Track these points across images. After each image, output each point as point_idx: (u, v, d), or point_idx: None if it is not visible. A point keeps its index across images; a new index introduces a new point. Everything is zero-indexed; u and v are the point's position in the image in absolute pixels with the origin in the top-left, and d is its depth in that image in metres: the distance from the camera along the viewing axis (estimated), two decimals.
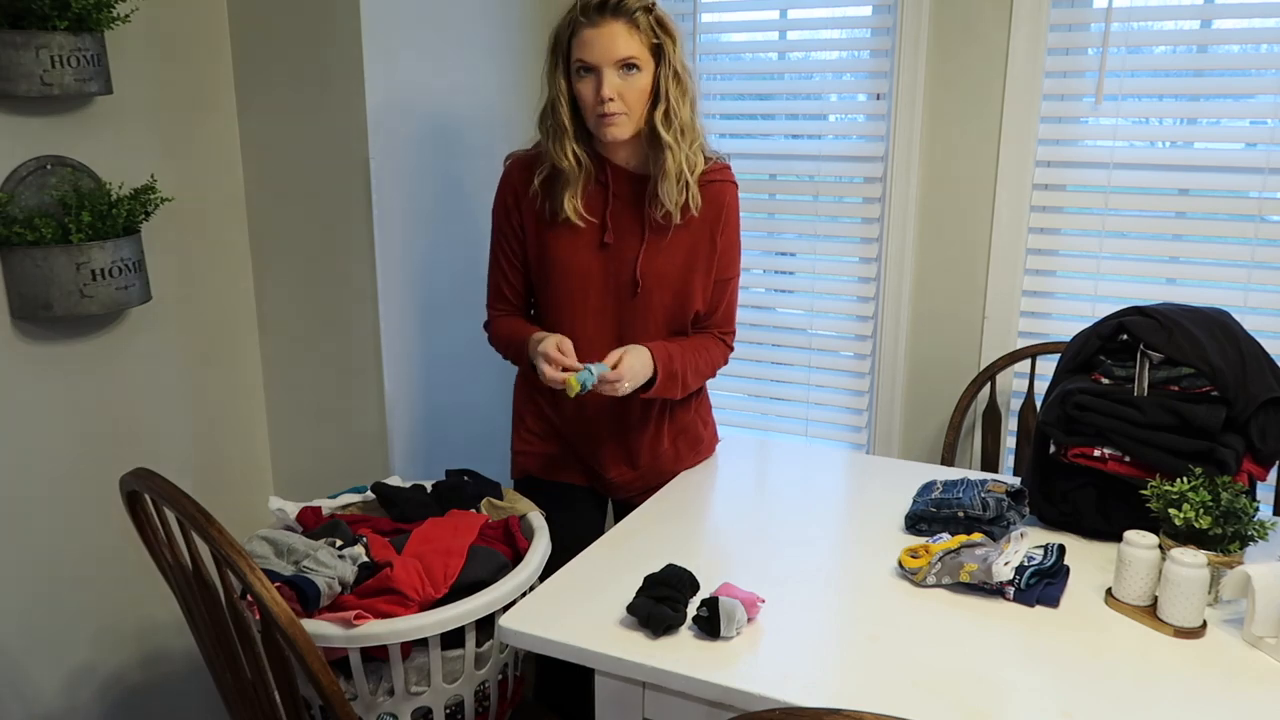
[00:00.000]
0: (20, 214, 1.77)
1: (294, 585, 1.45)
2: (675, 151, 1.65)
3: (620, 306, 1.77)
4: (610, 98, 1.61)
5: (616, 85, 1.61)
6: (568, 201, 1.70)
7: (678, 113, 1.65)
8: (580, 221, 1.72)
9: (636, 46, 1.61)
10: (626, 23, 1.60)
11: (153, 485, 1.34)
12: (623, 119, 1.64)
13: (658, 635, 1.29)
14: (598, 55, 1.61)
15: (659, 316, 1.78)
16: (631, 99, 1.63)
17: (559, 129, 1.68)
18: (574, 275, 1.76)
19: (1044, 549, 1.47)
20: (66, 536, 1.97)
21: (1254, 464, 1.56)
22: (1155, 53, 2.07)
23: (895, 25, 2.19)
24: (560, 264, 1.76)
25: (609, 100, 1.61)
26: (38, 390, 1.88)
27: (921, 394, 2.36)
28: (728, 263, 1.80)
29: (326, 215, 2.12)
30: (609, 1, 1.60)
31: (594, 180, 1.73)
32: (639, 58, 1.61)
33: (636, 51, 1.61)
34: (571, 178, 1.69)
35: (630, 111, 1.64)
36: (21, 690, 1.95)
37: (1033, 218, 2.19)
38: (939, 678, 1.23)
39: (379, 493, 1.81)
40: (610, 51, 1.60)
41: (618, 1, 1.60)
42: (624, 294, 1.76)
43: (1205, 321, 1.59)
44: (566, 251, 1.75)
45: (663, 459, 1.89)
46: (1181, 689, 1.22)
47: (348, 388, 2.21)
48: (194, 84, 2.07)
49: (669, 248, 1.74)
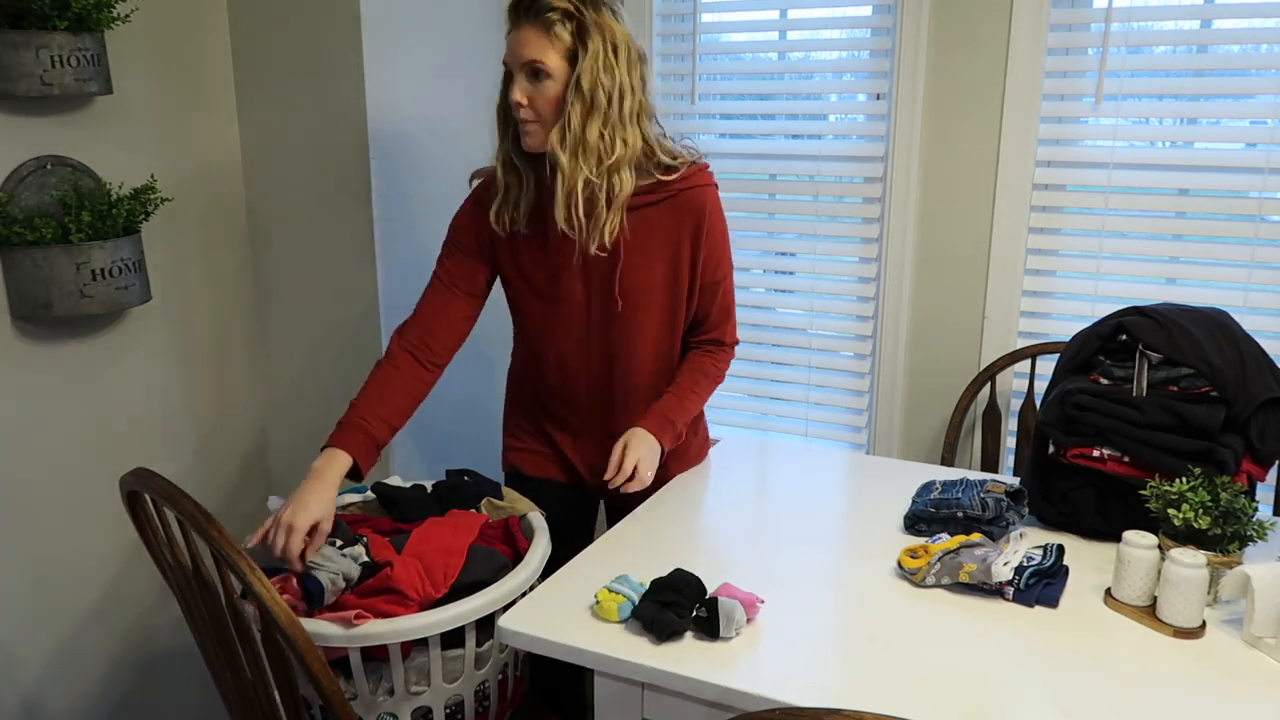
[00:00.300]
0: (20, 214, 1.77)
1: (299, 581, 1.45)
2: (566, 171, 1.53)
3: (606, 325, 1.72)
4: (519, 102, 1.54)
5: (526, 90, 1.54)
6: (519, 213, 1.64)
7: (574, 130, 1.52)
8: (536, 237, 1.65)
9: (546, 51, 1.52)
10: (539, 24, 1.52)
11: (153, 485, 1.34)
12: (534, 127, 1.56)
13: (661, 641, 1.29)
14: (510, 58, 1.56)
15: (648, 332, 1.73)
16: (540, 106, 1.54)
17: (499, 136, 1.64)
18: (551, 297, 1.70)
19: (1043, 549, 1.47)
20: (66, 536, 1.97)
21: (1253, 464, 1.56)
22: (1155, 53, 2.07)
23: (895, 25, 2.19)
24: (535, 284, 1.70)
25: (517, 105, 1.55)
26: (38, 390, 1.88)
27: (921, 394, 2.36)
28: (715, 266, 1.73)
29: (327, 215, 2.12)
30: (522, 2, 1.54)
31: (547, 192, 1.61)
32: (546, 64, 1.52)
33: (542, 56, 1.52)
34: (514, 190, 1.63)
35: (541, 120, 1.55)
36: (21, 690, 1.95)
37: (1033, 218, 2.19)
38: (939, 678, 1.23)
39: (379, 493, 1.81)
40: (518, 54, 1.54)
41: (531, 2, 1.53)
42: (606, 314, 1.71)
43: (1205, 321, 1.59)
44: (529, 269, 1.69)
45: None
46: (1181, 689, 1.22)
47: (348, 388, 2.20)
48: (194, 84, 2.07)
49: (647, 260, 1.67)
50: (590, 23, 1.52)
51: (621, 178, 1.57)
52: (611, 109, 1.54)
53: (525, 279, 1.72)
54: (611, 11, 1.56)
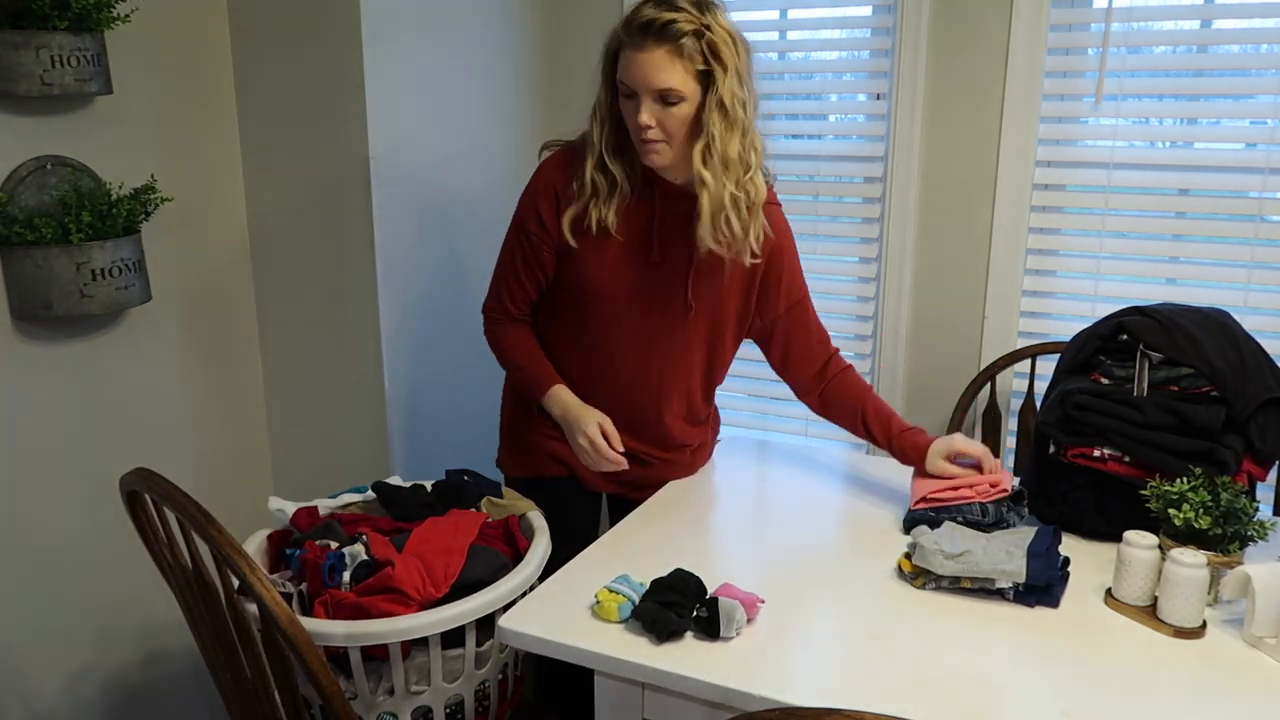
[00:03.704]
0: (20, 214, 1.77)
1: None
2: (713, 188, 1.52)
3: (660, 330, 1.71)
4: (648, 125, 1.51)
5: (655, 113, 1.50)
6: (606, 212, 1.60)
7: (718, 148, 1.51)
8: (620, 235, 1.63)
9: (679, 77, 1.48)
10: (670, 49, 1.47)
11: (153, 485, 1.34)
12: (662, 147, 1.54)
13: (662, 641, 1.29)
14: (636, 81, 1.50)
15: (701, 341, 1.74)
16: (672, 127, 1.52)
17: (592, 141, 1.60)
18: (611, 295, 1.67)
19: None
20: (67, 536, 1.97)
21: (1254, 464, 1.56)
22: (1155, 53, 2.07)
23: (895, 25, 2.19)
24: (597, 281, 1.66)
25: (648, 128, 1.51)
26: (38, 390, 1.88)
27: (921, 394, 2.36)
28: (795, 281, 1.76)
29: (327, 215, 2.12)
30: (653, 24, 1.47)
31: (638, 193, 1.62)
32: (681, 89, 1.48)
33: (678, 83, 1.48)
34: (602, 191, 1.60)
35: (671, 139, 1.53)
36: (21, 690, 1.95)
37: (1033, 218, 2.19)
38: (939, 678, 1.23)
39: (379, 492, 1.81)
40: (649, 80, 1.48)
41: (663, 25, 1.46)
42: (669, 317, 1.69)
43: (1205, 322, 1.59)
44: (606, 268, 1.66)
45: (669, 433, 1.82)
46: (1181, 689, 1.22)
47: (348, 388, 2.21)
48: (194, 84, 2.07)
49: (719, 269, 1.64)
50: (719, 39, 1.48)
51: (757, 183, 1.57)
52: (747, 118, 1.53)
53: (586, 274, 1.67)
54: (722, 11, 1.53)
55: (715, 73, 1.49)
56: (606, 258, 1.66)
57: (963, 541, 1.45)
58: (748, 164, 1.55)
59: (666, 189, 1.64)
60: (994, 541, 1.46)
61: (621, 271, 1.66)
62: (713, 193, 1.52)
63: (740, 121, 1.52)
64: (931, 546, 1.42)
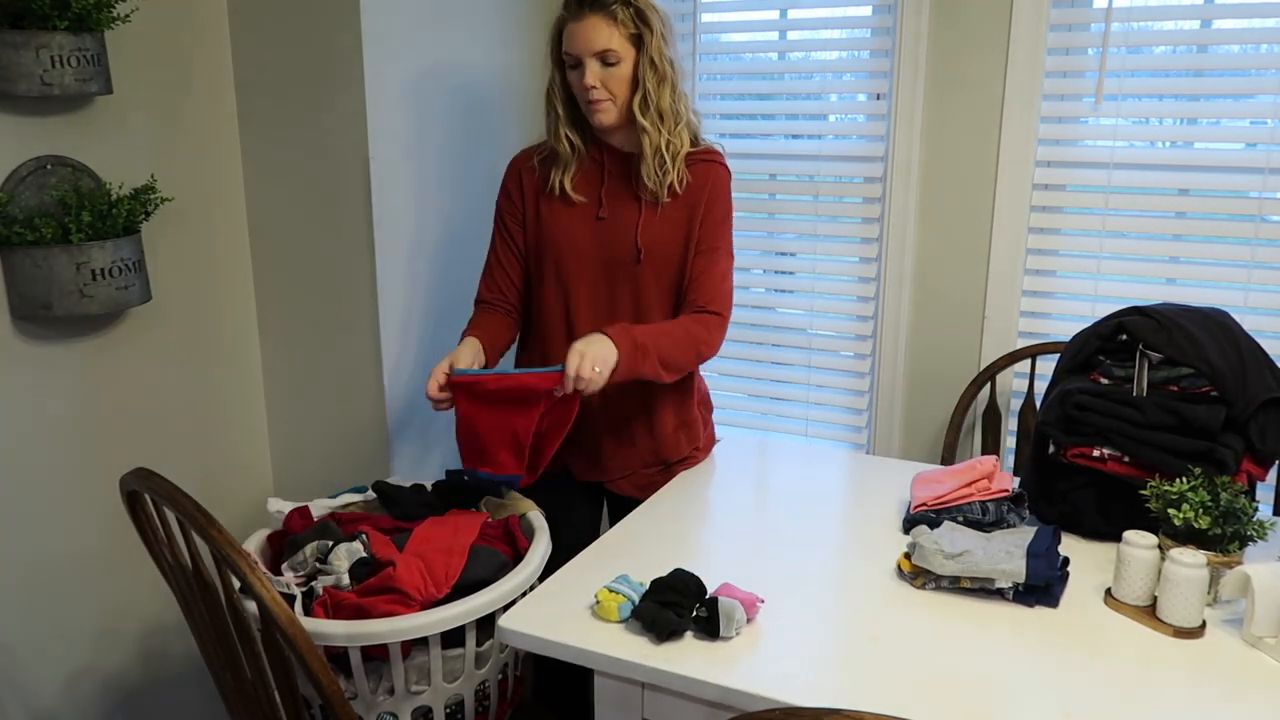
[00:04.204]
0: (20, 214, 1.77)
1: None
2: (652, 134, 1.76)
3: (615, 280, 1.84)
4: (593, 85, 1.73)
5: (598, 74, 1.73)
6: (564, 178, 1.83)
7: (654, 99, 1.75)
8: (576, 196, 1.84)
9: (616, 39, 1.72)
10: (604, 16, 1.71)
11: (153, 485, 1.34)
12: (608, 105, 1.76)
13: (661, 640, 1.29)
14: (579, 47, 1.73)
15: (658, 287, 1.83)
16: (614, 86, 1.75)
17: (554, 115, 1.83)
18: (569, 249, 1.85)
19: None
20: (67, 536, 1.97)
21: (1253, 464, 1.56)
22: (1155, 53, 2.07)
23: (895, 25, 2.19)
24: (556, 238, 1.86)
25: (592, 88, 1.74)
26: (38, 390, 1.88)
27: (921, 394, 2.36)
28: (712, 233, 1.83)
29: (326, 214, 2.12)
30: None
31: (589, 160, 1.85)
32: (617, 50, 1.72)
33: (615, 44, 1.72)
34: (565, 159, 1.83)
35: (615, 98, 1.75)
36: (21, 690, 1.95)
37: (1033, 218, 2.19)
38: (939, 678, 1.23)
39: (380, 492, 1.81)
40: (589, 44, 1.72)
41: None
42: (622, 266, 1.82)
43: (1205, 322, 1.59)
44: (562, 226, 1.85)
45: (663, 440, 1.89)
46: (1181, 689, 1.22)
47: (348, 388, 2.21)
48: (194, 84, 2.07)
49: (664, 220, 1.81)
50: (644, 5, 1.74)
51: (681, 136, 1.80)
52: (675, 75, 1.78)
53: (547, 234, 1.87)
54: None
55: (644, 35, 1.74)
56: (568, 216, 1.86)
57: (962, 541, 1.45)
58: (678, 116, 1.79)
59: (613, 154, 1.85)
60: (994, 541, 1.46)
61: (579, 226, 1.85)
62: (651, 138, 1.77)
63: (669, 77, 1.77)
64: (931, 546, 1.42)
